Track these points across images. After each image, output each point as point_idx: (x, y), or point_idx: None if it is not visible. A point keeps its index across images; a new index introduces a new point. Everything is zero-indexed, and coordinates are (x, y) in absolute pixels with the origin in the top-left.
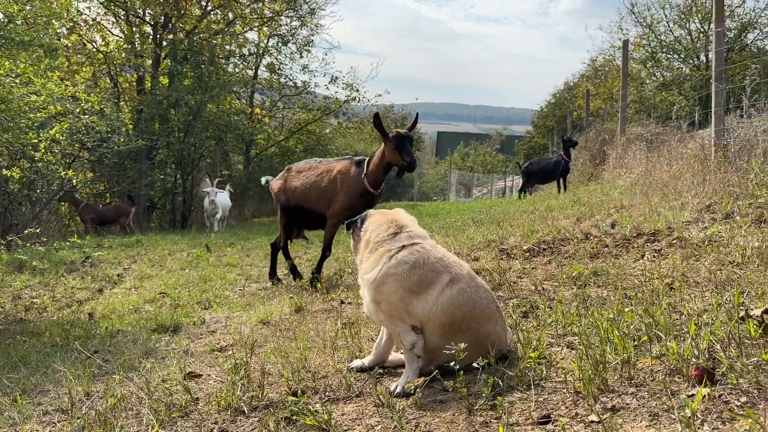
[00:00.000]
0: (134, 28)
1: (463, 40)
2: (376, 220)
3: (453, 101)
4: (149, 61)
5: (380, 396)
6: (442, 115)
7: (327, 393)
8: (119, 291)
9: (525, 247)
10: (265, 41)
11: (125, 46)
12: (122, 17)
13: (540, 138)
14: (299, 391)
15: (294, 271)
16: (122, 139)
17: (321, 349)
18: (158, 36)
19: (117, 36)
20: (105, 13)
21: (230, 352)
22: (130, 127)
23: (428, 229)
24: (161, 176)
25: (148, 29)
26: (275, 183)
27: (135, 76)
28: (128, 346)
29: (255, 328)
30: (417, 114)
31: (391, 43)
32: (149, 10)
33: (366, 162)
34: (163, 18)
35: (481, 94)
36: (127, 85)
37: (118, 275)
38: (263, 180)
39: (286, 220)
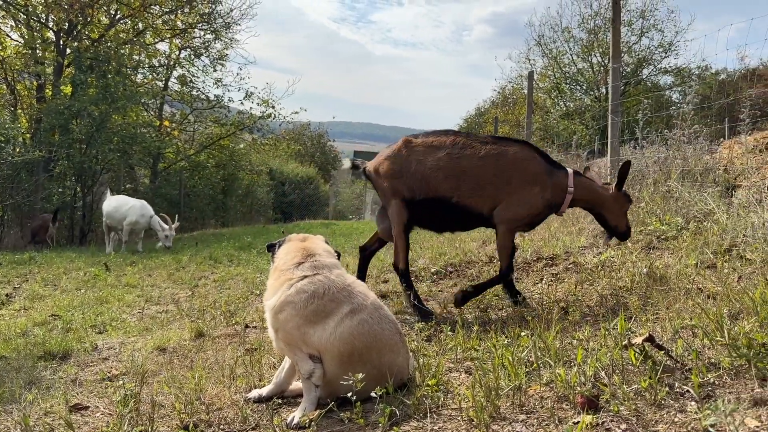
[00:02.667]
0: (36, 33)
1: (380, 62)
2: (288, 247)
3: (370, 121)
4: (51, 69)
5: (276, 428)
6: (359, 135)
7: (221, 426)
8: (6, 313)
9: (433, 270)
10: (177, 53)
11: (25, 51)
12: (22, 21)
13: None
14: (191, 425)
15: (421, 310)
16: (18, 150)
17: (218, 379)
18: (62, 43)
19: (16, 41)
20: (3, 16)
21: (121, 381)
22: (27, 136)
23: (340, 250)
24: (59, 189)
25: (51, 35)
26: (381, 164)
27: (35, 83)
28: (10, 375)
29: (150, 356)
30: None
31: (309, 61)
32: (53, 16)
33: (572, 173)
34: (67, 24)
35: (398, 115)
36: (26, 92)
37: (6, 295)
38: (346, 162)
39: (407, 220)
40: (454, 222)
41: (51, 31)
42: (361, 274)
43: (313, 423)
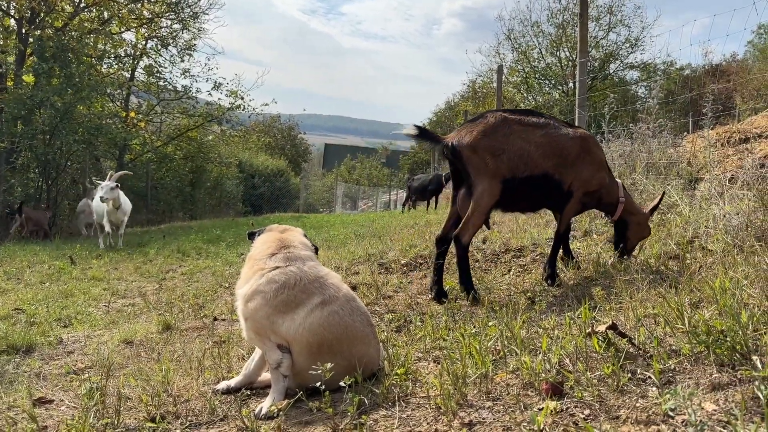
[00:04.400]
0: None
1: (350, 55)
2: (264, 237)
3: (341, 114)
4: (12, 57)
5: (245, 419)
6: (329, 128)
7: (189, 418)
8: None
9: (403, 262)
10: (144, 43)
11: None
12: None
13: (423, 154)
14: (158, 417)
15: (468, 289)
16: None
17: (186, 371)
18: (23, 31)
19: None
20: None
21: (87, 375)
22: None
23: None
24: (23, 181)
25: (12, 23)
26: (479, 140)
27: None
28: None
29: (116, 349)
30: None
31: (279, 53)
32: (14, 3)
33: (621, 185)
34: (29, 12)
35: (368, 108)
36: None
37: None
38: (410, 128)
39: (497, 201)
40: (549, 199)
41: (12, 18)
42: (440, 269)
43: (281, 413)
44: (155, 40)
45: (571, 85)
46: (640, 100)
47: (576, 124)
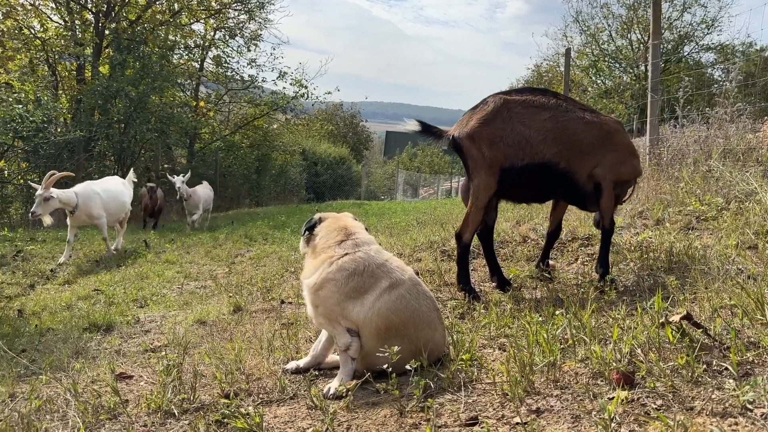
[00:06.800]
0: (75, 15)
1: (412, 41)
2: (328, 225)
3: (402, 101)
4: (90, 50)
5: (314, 398)
6: (390, 115)
7: (260, 395)
8: (52, 287)
9: None
10: (212, 33)
11: (65, 33)
12: (63, 3)
13: None
14: (232, 394)
15: (465, 289)
16: (59, 130)
17: (257, 351)
18: (100, 24)
19: (57, 22)
20: None
21: (163, 352)
22: (68, 117)
23: (373, 229)
24: (100, 168)
25: (90, 17)
26: (477, 130)
27: (75, 64)
28: (58, 345)
29: (191, 329)
30: None
31: (341, 40)
32: None
33: None
34: (105, 6)
35: (430, 95)
36: (66, 73)
37: (51, 270)
38: (411, 123)
39: (493, 194)
40: (558, 190)
41: (90, 12)
42: (492, 259)
43: (349, 392)
44: (223, 30)
45: (642, 68)
46: (716, 84)
47: (648, 108)
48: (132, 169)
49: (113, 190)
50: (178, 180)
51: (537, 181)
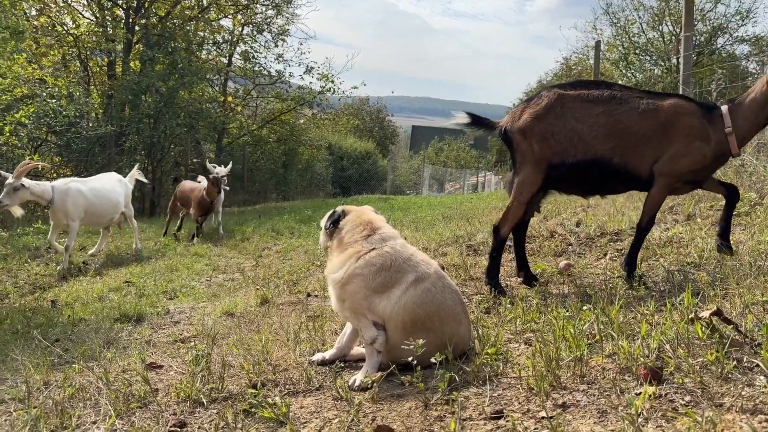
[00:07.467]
0: (106, 12)
1: (439, 35)
2: (353, 219)
3: (428, 95)
4: (120, 46)
5: (339, 389)
6: (417, 109)
7: (287, 386)
8: (84, 279)
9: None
10: (240, 29)
11: (96, 29)
12: (94, 0)
13: None
14: (259, 384)
15: (492, 283)
16: (91, 125)
17: (284, 342)
18: (130, 20)
19: (88, 19)
20: None
21: (193, 343)
22: (100, 112)
23: (398, 224)
24: (131, 162)
25: (120, 13)
26: (530, 124)
27: (106, 60)
28: (90, 335)
29: (219, 320)
30: None
31: (367, 35)
32: None
33: (728, 110)
34: (135, 2)
35: (456, 89)
36: (98, 69)
37: (83, 263)
38: (460, 116)
39: (538, 189)
40: (610, 185)
41: (120, 9)
42: (521, 254)
43: (375, 384)
44: (251, 26)
45: (674, 61)
46: (751, 76)
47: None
48: (137, 165)
49: (102, 189)
50: (222, 170)
51: (591, 177)
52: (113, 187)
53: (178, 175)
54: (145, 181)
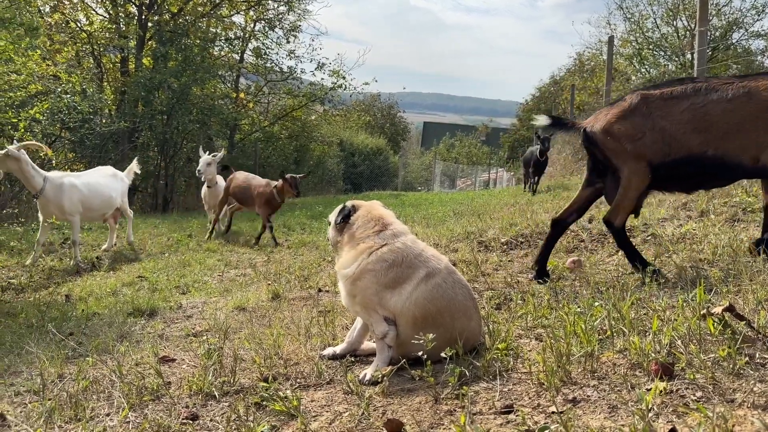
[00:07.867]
0: (119, 8)
1: (451, 30)
2: (364, 215)
3: (440, 92)
4: (133, 42)
5: (350, 383)
6: (428, 105)
7: (298, 380)
8: (97, 273)
9: (503, 240)
10: (252, 25)
11: (109, 26)
12: None
13: (525, 131)
14: (270, 378)
15: (639, 267)
16: (104, 121)
17: (295, 337)
18: (143, 17)
19: (101, 16)
20: None
21: (205, 337)
22: (113, 108)
23: (410, 220)
24: (143, 159)
25: (133, 9)
26: (615, 125)
27: (119, 56)
28: (103, 329)
29: (231, 314)
30: None
31: (378, 30)
32: None
33: None
34: None
35: (468, 85)
36: (111, 65)
37: (96, 257)
38: (542, 119)
39: (648, 186)
40: (711, 178)
41: (133, 5)
42: (547, 250)
43: (385, 378)
44: (263, 22)
45: (689, 56)
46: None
47: None
48: (135, 159)
49: (96, 183)
50: (208, 158)
51: (690, 173)
52: (107, 181)
53: (228, 165)
54: (137, 171)
